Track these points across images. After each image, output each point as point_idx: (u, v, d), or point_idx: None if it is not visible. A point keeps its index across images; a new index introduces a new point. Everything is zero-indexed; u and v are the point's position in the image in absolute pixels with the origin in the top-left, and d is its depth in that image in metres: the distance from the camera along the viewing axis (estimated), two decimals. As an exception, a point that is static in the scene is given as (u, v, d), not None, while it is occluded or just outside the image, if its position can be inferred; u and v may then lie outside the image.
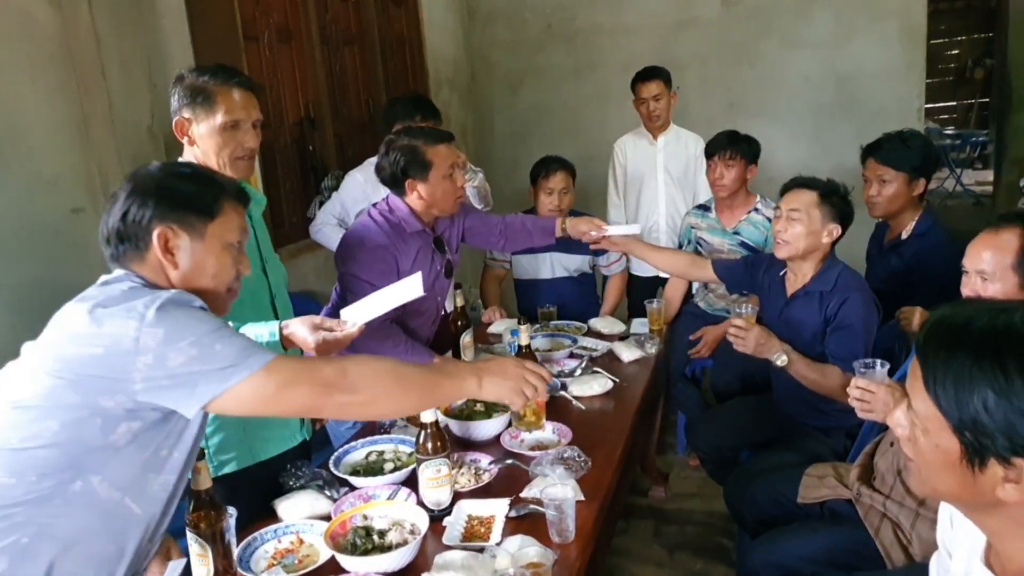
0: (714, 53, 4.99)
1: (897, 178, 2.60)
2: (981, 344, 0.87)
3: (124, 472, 1.24)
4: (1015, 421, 0.84)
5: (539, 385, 1.54)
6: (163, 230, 1.30)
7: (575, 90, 5.36)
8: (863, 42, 4.71)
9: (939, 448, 0.91)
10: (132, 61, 2.62)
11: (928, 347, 0.93)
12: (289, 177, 3.62)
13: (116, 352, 1.16)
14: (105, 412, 1.18)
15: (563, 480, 1.75)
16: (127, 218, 1.30)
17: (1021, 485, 0.86)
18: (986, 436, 0.86)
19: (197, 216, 1.33)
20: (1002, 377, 0.85)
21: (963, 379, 0.87)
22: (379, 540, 1.59)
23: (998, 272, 1.75)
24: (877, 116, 4.66)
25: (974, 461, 0.88)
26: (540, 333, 2.89)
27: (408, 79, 4.66)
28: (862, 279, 2.36)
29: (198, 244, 1.33)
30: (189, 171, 1.43)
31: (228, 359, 1.19)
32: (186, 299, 1.24)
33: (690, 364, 3.29)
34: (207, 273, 1.35)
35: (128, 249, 1.31)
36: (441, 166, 2.36)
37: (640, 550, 2.85)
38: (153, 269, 1.32)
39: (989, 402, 0.85)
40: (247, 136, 1.85)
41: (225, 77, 1.82)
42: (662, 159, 3.73)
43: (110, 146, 2.54)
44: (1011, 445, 0.85)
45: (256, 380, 1.20)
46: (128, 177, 1.36)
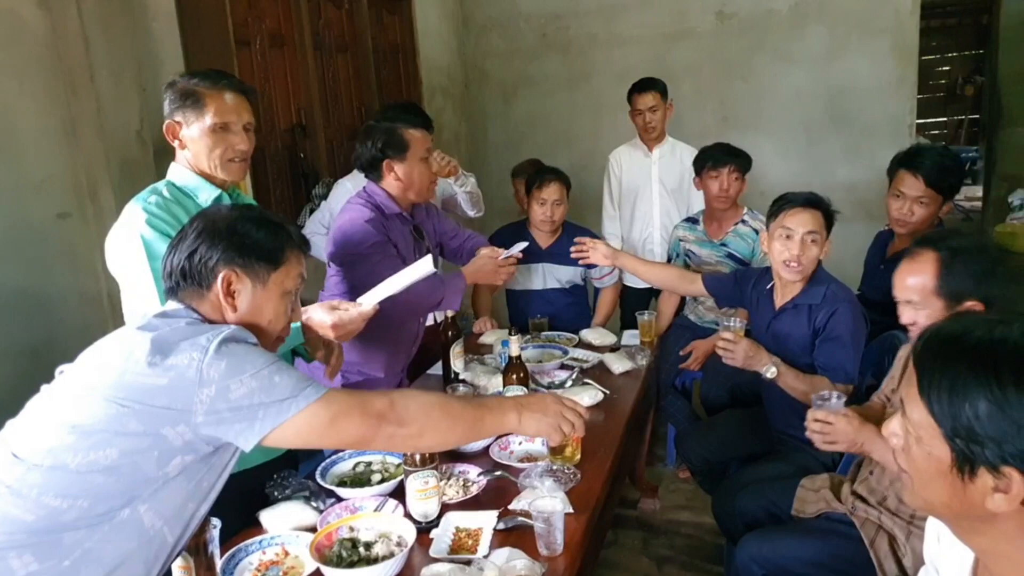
0: (708, 66, 5.01)
1: (935, 200, 2.52)
2: (977, 354, 0.89)
3: (170, 502, 1.26)
4: (1007, 430, 0.85)
5: (576, 422, 1.58)
6: (228, 273, 1.34)
7: (569, 100, 5.37)
8: (855, 58, 4.74)
9: (931, 456, 0.92)
10: (121, 65, 2.61)
11: (925, 354, 0.94)
12: (280, 184, 3.60)
13: (180, 383, 1.18)
14: (164, 444, 1.20)
15: (552, 492, 1.73)
16: (194, 257, 1.34)
17: (1010, 495, 0.87)
18: (977, 444, 0.87)
19: (263, 263, 1.38)
20: (996, 387, 0.86)
21: (958, 387, 0.88)
22: (365, 552, 1.57)
23: (923, 299, 1.78)
24: (868, 131, 4.70)
25: (964, 469, 0.89)
26: (531, 344, 2.88)
27: (401, 87, 4.66)
28: (850, 292, 2.36)
29: (259, 290, 1.38)
30: (260, 217, 1.45)
31: (287, 391, 1.23)
32: (244, 335, 1.28)
33: (680, 376, 3.28)
34: (264, 318, 1.41)
35: (190, 286, 1.36)
36: (418, 148, 2.41)
37: (628, 563, 2.83)
38: (212, 307, 1.37)
39: (981, 410, 0.86)
40: (238, 138, 1.85)
41: (215, 79, 1.83)
42: (657, 171, 3.73)
43: (98, 150, 2.52)
44: (1001, 453, 0.86)
45: (312, 411, 1.25)
46: (198, 215, 1.41)
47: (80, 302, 2.46)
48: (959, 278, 1.72)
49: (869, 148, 4.59)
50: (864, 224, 3.44)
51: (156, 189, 1.83)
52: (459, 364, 2.58)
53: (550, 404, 1.57)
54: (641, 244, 3.79)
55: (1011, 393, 0.85)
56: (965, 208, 9.04)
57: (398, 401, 1.34)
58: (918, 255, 1.80)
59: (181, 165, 1.87)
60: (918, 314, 1.79)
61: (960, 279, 1.72)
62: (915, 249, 1.82)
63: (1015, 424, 0.85)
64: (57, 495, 1.18)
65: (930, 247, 1.79)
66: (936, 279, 1.74)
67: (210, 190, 1.86)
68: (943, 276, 1.74)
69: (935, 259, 1.76)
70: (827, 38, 4.78)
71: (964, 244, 1.76)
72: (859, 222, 3.62)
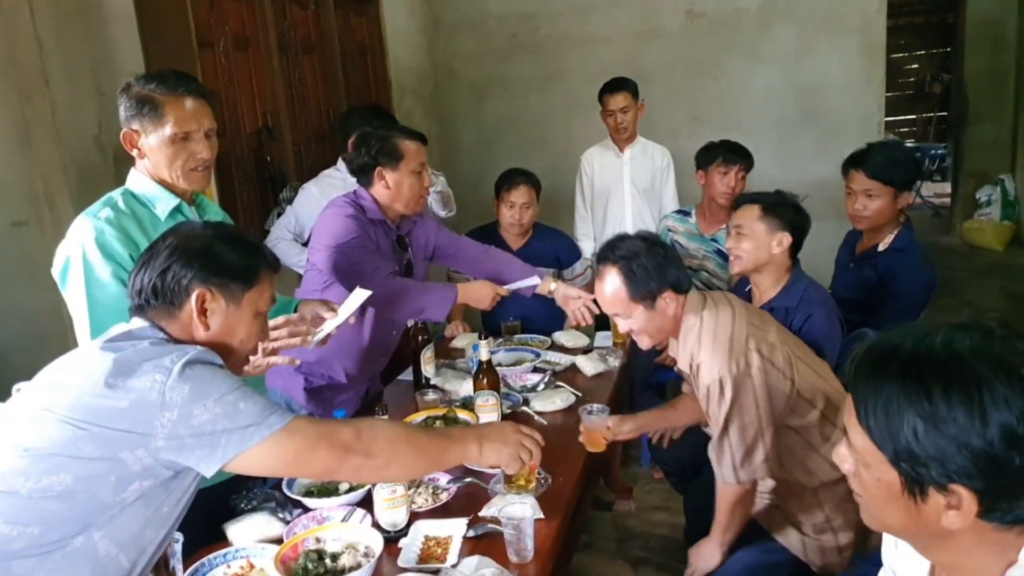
0: (679, 65, 5.02)
1: (885, 192, 2.54)
2: (905, 371, 0.88)
3: (127, 529, 1.22)
4: (945, 448, 0.84)
5: (535, 450, 1.56)
6: (202, 292, 1.31)
7: (541, 100, 5.35)
8: (824, 56, 4.78)
9: (881, 482, 0.91)
10: (77, 69, 2.54)
11: (858, 379, 0.93)
12: (246, 188, 3.54)
13: (141, 406, 1.15)
14: (122, 468, 1.16)
15: (522, 498, 1.71)
16: (167, 275, 1.31)
17: (962, 511, 0.86)
18: (921, 465, 0.86)
19: (237, 283, 1.35)
20: (927, 402, 0.85)
21: (891, 408, 0.88)
22: (331, 564, 1.55)
23: (624, 309, 1.91)
24: (838, 129, 4.73)
25: (915, 491, 0.88)
26: (503, 347, 2.86)
27: (370, 89, 4.61)
28: (826, 294, 2.37)
29: (233, 309, 1.35)
30: (235, 236, 1.42)
31: (251, 418, 1.20)
32: (210, 356, 1.25)
33: (654, 375, 3.28)
34: (236, 338, 1.38)
35: (159, 305, 1.32)
36: (411, 161, 2.37)
37: (603, 566, 2.81)
38: (181, 327, 1.33)
39: (919, 430, 0.85)
40: (200, 146, 1.78)
41: (173, 85, 1.74)
42: (628, 171, 3.73)
43: (54, 157, 2.45)
44: (946, 472, 0.85)
45: (276, 440, 1.22)
46: (171, 231, 1.38)
47: (37, 314, 2.39)
48: (642, 279, 1.86)
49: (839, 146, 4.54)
50: (835, 222, 3.44)
51: (111, 200, 1.75)
52: (430, 369, 2.55)
53: (510, 434, 1.55)
54: (613, 244, 3.77)
55: (942, 408, 0.84)
56: (935, 204, 9.17)
57: (364, 432, 1.31)
58: (602, 272, 1.94)
59: (140, 172, 1.80)
60: (629, 323, 1.93)
61: (643, 280, 1.86)
62: (598, 267, 1.96)
63: (952, 440, 0.84)
64: (6, 522, 1.13)
65: (607, 262, 1.92)
66: (626, 288, 1.88)
67: (168, 199, 1.79)
68: (629, 283, 1.87)
69: (616, 271, 1.89)
70: (796, 37, 4.81)
71: (633, 248, 1.89)
72: (830, 220, 3.63)
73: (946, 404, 0.84)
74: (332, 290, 2.31)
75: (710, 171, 3.22)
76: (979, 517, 0.87)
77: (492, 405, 2.17)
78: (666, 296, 1.87)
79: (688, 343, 1.89)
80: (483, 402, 2.17)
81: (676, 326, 1.93)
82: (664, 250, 1.91)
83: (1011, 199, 7.10)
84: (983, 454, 0.83)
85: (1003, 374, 0.84)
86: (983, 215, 7.29)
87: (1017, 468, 0.83)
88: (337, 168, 3.27)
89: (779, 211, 2.30)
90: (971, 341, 0.87)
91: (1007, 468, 0.83)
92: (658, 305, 1.88)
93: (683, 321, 1.91)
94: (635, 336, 1.98)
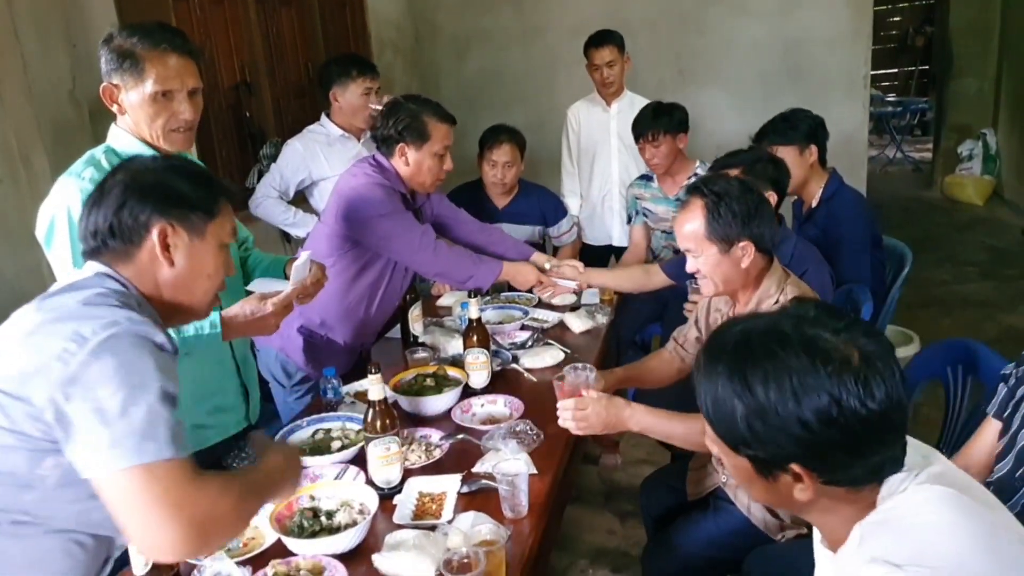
0: (663, 18, 4.95)
1: (788, 152, 2.63)
2: (731, 363, 0.93)
3: (61, 513, 1.12)
4: (774, 435, 0.91)
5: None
6: (163, 226, 1.23)
7: (524, 55, 5.27)
8: (810, 10, 4.73)
9: (738, 467, 0.99)
10: (48, 20, 2.45)
11: (696, 371, 0.99)
12: (225, 145, 3.47)
13: (45, 373, 1.03)
14: (31, 441, 1.05)
15: (515, 454, 1.72)
16: (123, 212, 1.21)
17: (807, 484, 0.93)
18: (760, 452, 0.93)
19: (198, 214, 1.27)
20: (749, 394, 0.91)
21: (719, 401, 0.94)
22: (327, 521, 1.55)
23: (697, 246, 1.82)
24: (824, 83, 4.71)
25: (766, 474, 0.96)
26: (490, 305, 2.85)
27: (349, 41, 4.51)
28: (815, 251, 2.36)
29: (198, 242, 1.27)
30: (189, 168, 1.35)
31: (122, 434, 1.01)
32: (144, 333, 1.09)
33: (640, 332, 3.29)
34: (203, 273, 1.29)
35: (116, 246, 1.23)
36: (437, 143, 2.33)
37: (591, 519, 2.86)
38: (140, 270, 1.24)
39: (749, 422, 0.91)
40: (182, 106, 1.70)
41: (156, 40, 1.66)
42: (615, 126, 3.68)
43: (27, 112, 2.37)
44: (780, 455, 0.92)
45: (129, 474, 1.01)
46: (119, 167, 1.29)
47: (16, 273, 2.34)
48: (725, 221, 1.77)
49: (824, 101, 4.58)
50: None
51: (93, 159, 1.68)
52: (418, 327, 2.54)
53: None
54: (600, 200, 3.75)
55: (762, 398, 0.90)
56: (915, 159, 9.20)
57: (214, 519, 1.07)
58: (688, 204, 1.84)
59: (122, 129, 1.73)
60: (698, 261, 1.83)
61: (726, 222, 1.77)
62: (686, 198, 1.87)
63: (777, 428, 0.90)
64: None
65: (696, 194, 1.83)
66: (705, 224, 1.78)
67: None
68: (710, 221, 1.78)
69: (702, 205, 1.79)
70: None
71: (727, 188, 1.80)
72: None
73: (765, 394, 0.90)
74: (347, 257, 2.33)
75: (639, 147, 3.20)
76: (824, 485, 0.94)
77: (482, 363, 2.16)
78: (744, 246, 1.77)
79: (761, 308, 1.79)
80: (473, 359, 2.16)
81: (746, 282, 1.83)
82: (759, 201, 1.80)
83: (993, 154, 7.13)
84: (805, 438, 0.89)
85: (809, 359, 0.90)
86: (964, 170, 7.33)
87: (839, 443, 0.90)
88: (321, 123, 3.21)
89: (759, 167, 2.25)
90: (786, 327, 0.93)
91: (830, 445, 0.90)
92: (733, 252, 1.78)
93: (761, 284, 1.83)
94: (700, 280, 1.87)
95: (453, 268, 2.42)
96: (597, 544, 2.74)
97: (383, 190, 2.30)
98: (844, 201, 2.67)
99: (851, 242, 2.57)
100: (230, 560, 1.43)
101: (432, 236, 2.40)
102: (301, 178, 3.15)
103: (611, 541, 2.75)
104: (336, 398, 2.10)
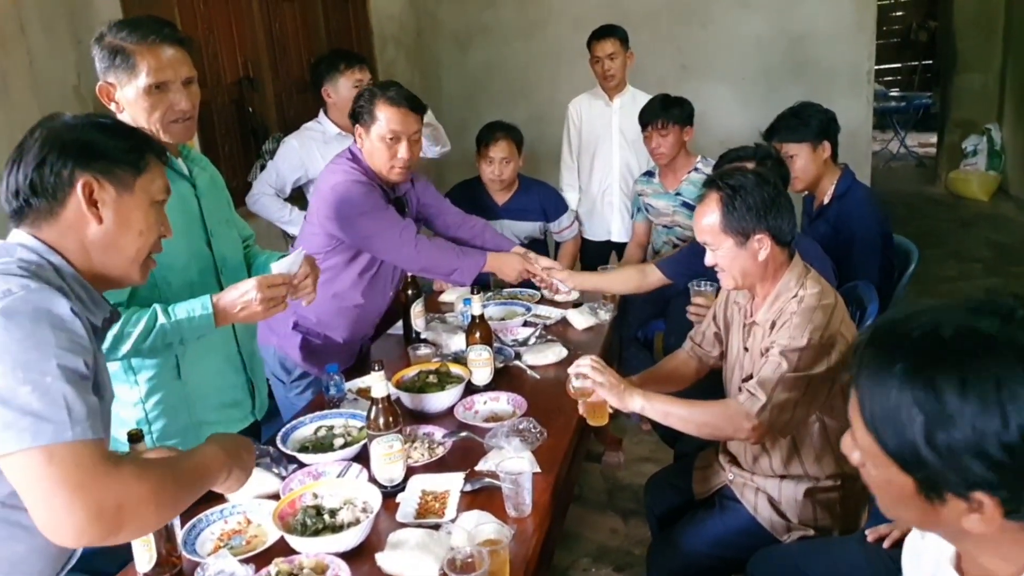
0: (665, 12, 4.93)
1: (800, 150, 2.63)
2: (913, 364, 0.77)
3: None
4: (961, 454, 0.74)
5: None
6: (88, 180, 1.19)
7: (526, 48, 5.25)
8: (813, 3, 4.71)
9: (892, 483, 0.83)
10: (54, 16, 2.45)
11: (862, 371, 0.83)
12: (228, 140, 3.47)
13: None
14: None
15: (518, 452, 1.72)
16: (44, 168, 1.17)
17: (985, 516, 0.77)
18: (935, 473, 0.77)
19: (124, 169, 1.23)
20: (936, 401, 0.75)
21: (897, 409, 0.78)
22: (330, 519, 1.54)
23: (714, 239, 1.81)
24: (828, 78, 4.69)
25: (931, 497, 0.80)
26: (492, 301, 2.85)
27: (351, 37, 4.50)
28: (818, 248, 2.35)
29: (126, 197, 1.23)
30: (111, 123, 1.30)
31: (16, 414, 0.97)
32: (48, 305, 1.04)
33: (642, 328, 3.29)
34: (134, 229, 1.24)
35: (40, 205, 1.18)
36: (383, 126, 2.27)
37: (594, 517, 2.86)
38: (64, 230, 1.19)
39: (929, 434, 0.76)
40: (178, 96, 1.70)
41: (145, 32, 1.65)
42: (618, 120, 3.67)
43: (32, 107, 2.37)
44: (964, 480, 0.76)
45: (27, 458, 0.98)
46: (39, 126, 1.22)
47: (20, 268, 2.35)
48: (740, 214, 1.76)
49: (828, 95, 4.54)
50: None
51: None
52: (420, 323, 2.54)
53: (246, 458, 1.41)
54: (600, 195, 3.75)
55: (953, 407, 0.74)
56: (919, 154, 9.18)
57: (127, 506, 1.03)
58: (704, 197, 1.83)
59: None
60: (716, 255, 1.83)
61: (741, 215, 1.76)
62: (703, 191, 1.86)
63: (968, 446, 0.74)
64: None
65: (712, 188, 1.81)
66: (721, 217, 1.78)
67: None
68: (725, 214, 1.77)
69: (718, 198, 1.79)
70: (786, -17, 4.73)
71: (742, 181, 1.79)
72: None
73: (959, 403, 0.74)
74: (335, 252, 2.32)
75: (644, 136, 3.20)
76: (1004, 518, 0.77)
77: (485, 359, 2.16)
78: (761, 238, 1.75)
79: (780, 301, 1.79)
80: (476, 356, 2.16)
81: (764, 275, 1.81)
82: (776, 193, 1.78)
83: (997, 149, 7.11)
84: (1004, 461, 0.73)
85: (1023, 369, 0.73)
86: (969, 165, 7.31)
87: None
88: (318, 121, 3.20)
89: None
90: (987, 326, 0.77)
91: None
92: (750, 245, 1.76)
93: (780, 278, 1.81)
94: (719, 273, 1.85)
95: (436, 263, 2.40)
96: (600, 543, 2.74)
97: (361, 187, 2.28)
98: (856, 198, 2.65)
99: (863, 240, 2.55)
100: (233, 558, 1.43)
101: (413, 231, 2.36)
102: (297, 176, 3.14)
103: (614, 540, 2.75)
104: (338, 395, 2.10)
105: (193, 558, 1.48)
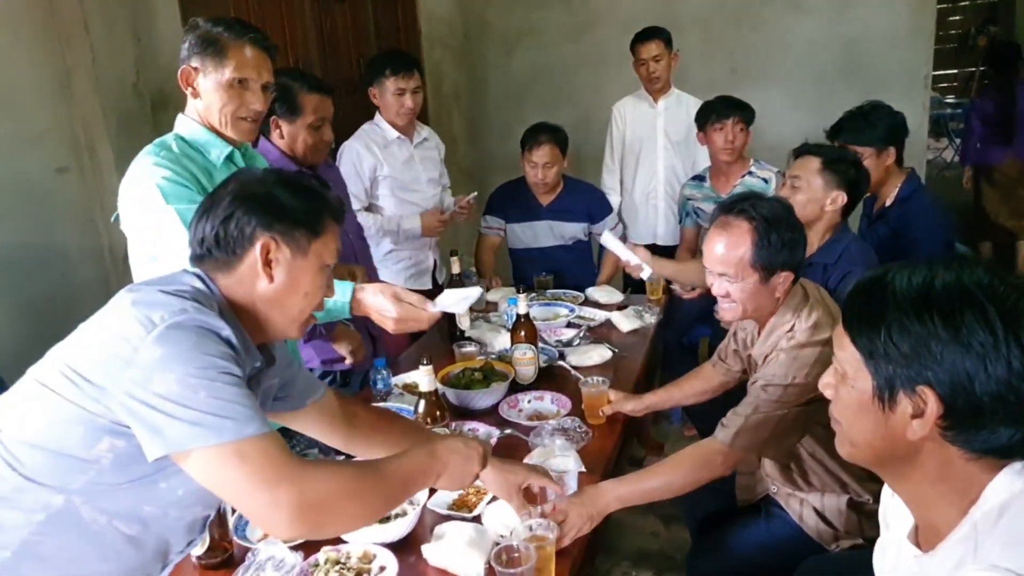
0: (716, 15, 4.88)
1: (864, 153, 2.53)
2: (900, 297, 0.92)
3: (113, 498, 1.12)
4: (920, 351, 0.88)
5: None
6: (267, 240, 1.21)
7: (572, 51, 5.24)
8: (869, 6, 4.61)
9: (854, 390, 0.97)
10: (115, 13, 2.52)
11: (851, 296, 0.99)
12: (281, 139, 3.52)
13: (114, 356, 1.05)
14: (88, 419, 1.07)
15: (564, 451, 1.72)
16: (230, 223, 1.20)
17: (925, 418, 0.89)
18: (893, 363, 0.91)
19: (303, 231, 1.24)
20: (932, 324, 0.88)
21: (875, 315, 0.93)
22: (376, 511, 1.56)
23: (737, 271, 1.70)
24: (882, 83, 4.58)
25: (884, 397, 0.93)
26: (536, 302, 2.85)
27: (400, 38, 4.54)
28: (870, 253, 2.30)
29: (300, 260, 1.24)
30: (299, 182, 1.31)
31: (201, 415, 1.03)
32: (211, 325, 1.10)
33: (687, 334, 3.26)
34: (300, 291, 1.25)
35: (220, 256, 1.21)
36: (309, 114, 2.28)
37: (635, 521, 2.83)
38: (238, 281, 1.22)
39: (898, 333, 0.90)
40: (254, 97, 1.77)
41: (241, 31, 1.74)
42: (662, 123, 3.65)
43: (94, 103, 2.44)
44: (917, 374, 0.89)
45: (219, 454, 1.03)
46: (232, 178, 1.27)
47: (81, 257, 2.42)
48: (774, 249, 1.65)
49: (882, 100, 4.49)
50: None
51: (164, 143, 1.74)
52: (465, 322, 2.54)
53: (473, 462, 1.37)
54: (644, 199, 3.72)
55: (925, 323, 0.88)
56: (973, 162, 8.92)
57: (328, 500, 1.08)
58: (731, 225, 1.69)
59: (190, 117, 1.79)
60: (732, 287, 1.72)
61: (775, 250, 1.66)
62: (728, 218, 1.71)
63: (925, 347, 0.88)
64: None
65: (743, 217, 1.68)
66: (753, 251, 1.66)
67: (222, 147, 1.79)
68: (759, 248, 1.65)
69: (750, 230, 1.67)
70: (840, -15, 4.65)
71: (776, 212, 1.69)
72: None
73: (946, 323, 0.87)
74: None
75: (708, 131, 3.11)
76: (942, 436, 0.90)
77: (530, 359, 2.17)
78: (784, 276, 1.70)
79: (774, 336, 1.75)
80: (521, 355, 2.17)
81: (774, 308, 1.76)
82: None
83: (1054, 157, 6.87)
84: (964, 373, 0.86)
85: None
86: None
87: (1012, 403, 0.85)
88: (376, 123, 3.11)
89: (840, 167, 2.21)
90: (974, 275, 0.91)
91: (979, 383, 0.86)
92: (772, 282, 1.70)
93: (777, 311, 1.76)
94: (729, 304, 1.77)
95: None
96: (640, 547, 2.72)
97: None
98: (921, 204, 2.57)
99: (927, 246, 2.46)
100: (283, 545, 1.46)
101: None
102: (373, 166, 3.04)
103: (654, 544, 2.73)
104: (386, 388, 2.12)
105: (244, 544, 1.51)
